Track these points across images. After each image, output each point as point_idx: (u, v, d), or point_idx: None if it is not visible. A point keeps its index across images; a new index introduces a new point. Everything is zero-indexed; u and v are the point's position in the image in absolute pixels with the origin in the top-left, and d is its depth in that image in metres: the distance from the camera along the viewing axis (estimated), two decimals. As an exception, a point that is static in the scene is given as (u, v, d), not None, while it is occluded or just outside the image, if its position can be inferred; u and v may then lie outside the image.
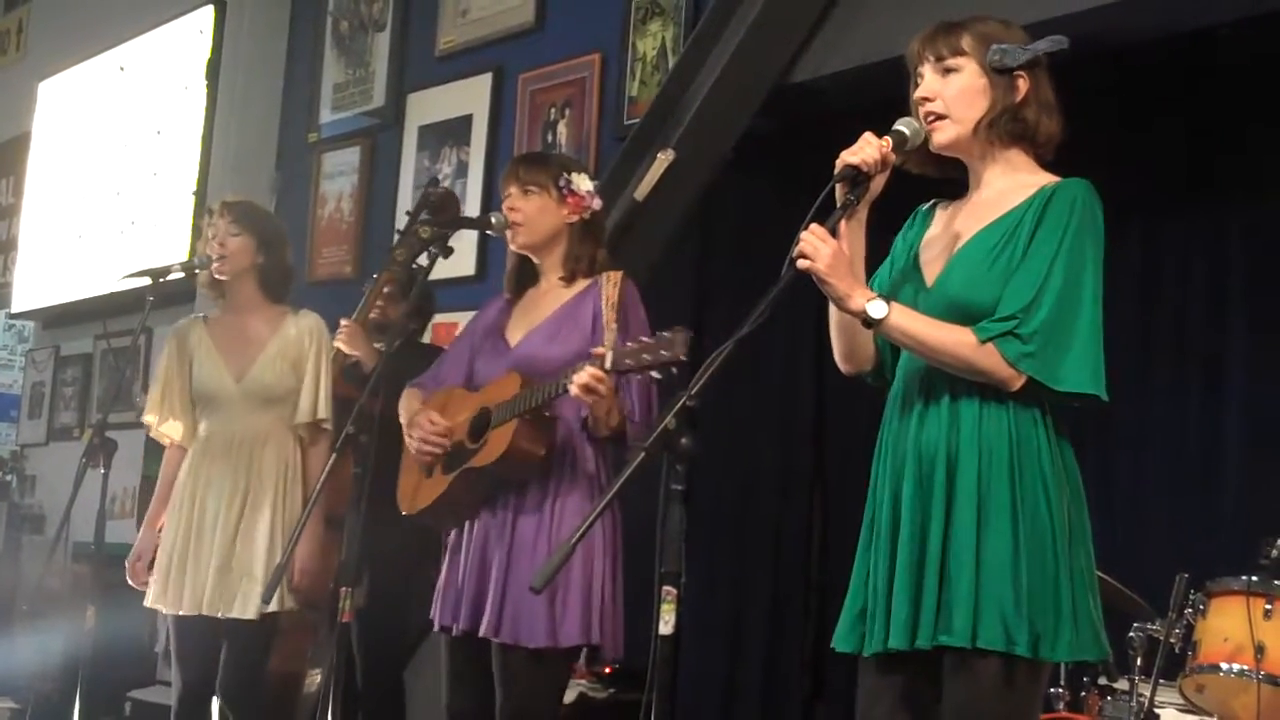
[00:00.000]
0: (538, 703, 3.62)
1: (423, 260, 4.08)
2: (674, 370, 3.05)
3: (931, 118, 2.82)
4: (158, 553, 4.55)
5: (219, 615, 4.41)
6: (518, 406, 3.57)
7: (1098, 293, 2.70)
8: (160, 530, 4.59)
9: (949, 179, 2.93)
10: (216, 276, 4.67)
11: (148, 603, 4.55)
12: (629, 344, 3.21)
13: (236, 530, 4.48)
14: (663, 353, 3.05)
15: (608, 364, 3.27)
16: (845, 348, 2.96)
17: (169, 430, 4.68)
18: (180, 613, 4.45)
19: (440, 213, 4.11)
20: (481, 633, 3.61)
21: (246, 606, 4.38)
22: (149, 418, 4.68)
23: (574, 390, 3.38)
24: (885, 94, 3.06)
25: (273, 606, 4.32)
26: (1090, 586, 2.73)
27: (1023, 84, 2.79)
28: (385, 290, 5.22)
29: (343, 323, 4.82)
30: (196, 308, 7.17)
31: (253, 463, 4.53)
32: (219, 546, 4.46)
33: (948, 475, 2.72)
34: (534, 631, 3.54)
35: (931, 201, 3.01)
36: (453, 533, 3.84)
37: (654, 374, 3.12)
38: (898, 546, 2.76)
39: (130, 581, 4.62)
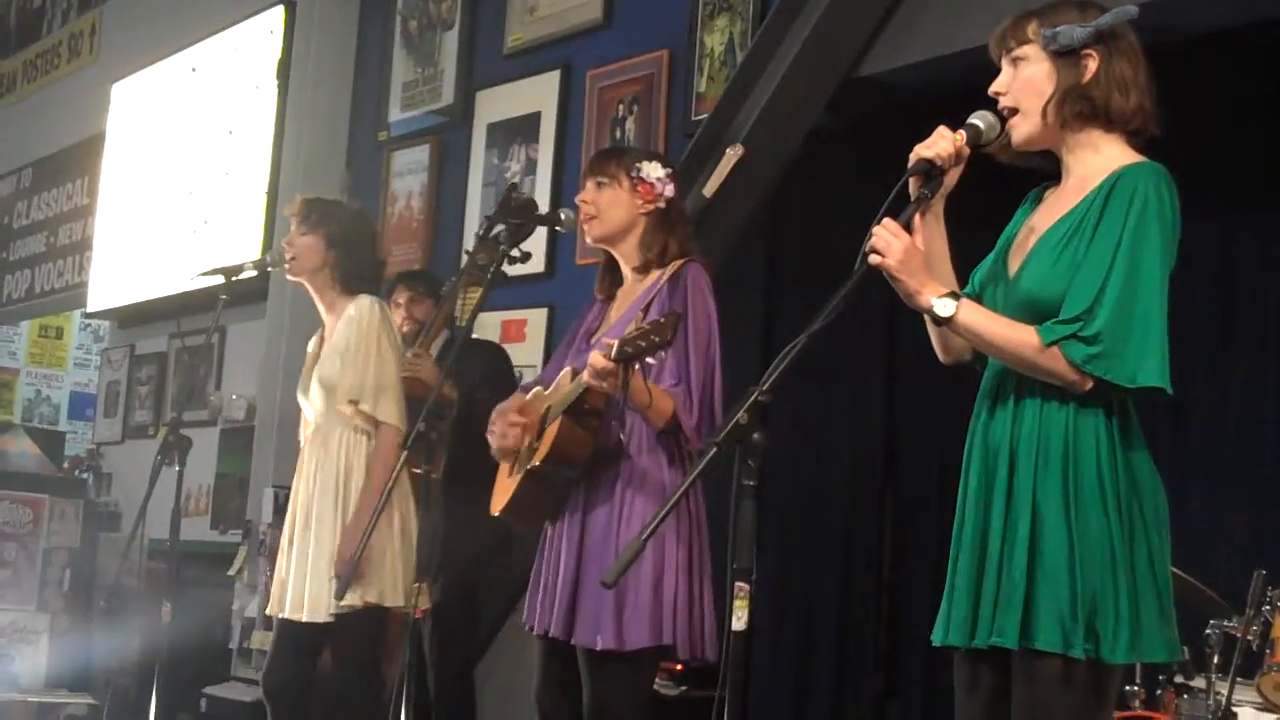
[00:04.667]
0: (616, 702, 3.59)
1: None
2: (663, 353, 3.31)
3: (1007, 112, 2.78)
4: None
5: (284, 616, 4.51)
6: (564, 402, 3.59)
7: (1163, 283, 2.64)
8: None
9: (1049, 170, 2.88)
10: (288, 278, 4.69)
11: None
12: (630, 331, 3.30)
13: (306, 530, 4.53)
14: (653, 337, 3.25)
15: (613, 353, 3.32)
16: (939, 340, 2.93)
17: None
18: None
19: (520, 218, 4.11)
20: (551, 633, 3.62)
21: (314, 608, 4.44)
22: None
23: (585, 377, 3.44)
24: (955, 86, 3.04)
25: (322, 616, 4.39)
26: (1156, 587, 2.67)
27: (1091, 63, 2.72)
28: (408, 297, 5.30)
29: (408, 353, 4.77)
30: (269, 306, 7.27)
31: (318, 460, 4.56)
32: (294, 548, 4.54)
33: (1009, 473, 2.70)
34: (602, 633, 3.54)
35: (1042, 185, 2.94)
36: (542, 535, 3.86)
37: (650, 359, 3.32)
38: (962, 543, 2.75)
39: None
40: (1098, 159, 2.76)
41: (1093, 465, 2.65)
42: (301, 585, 4.46)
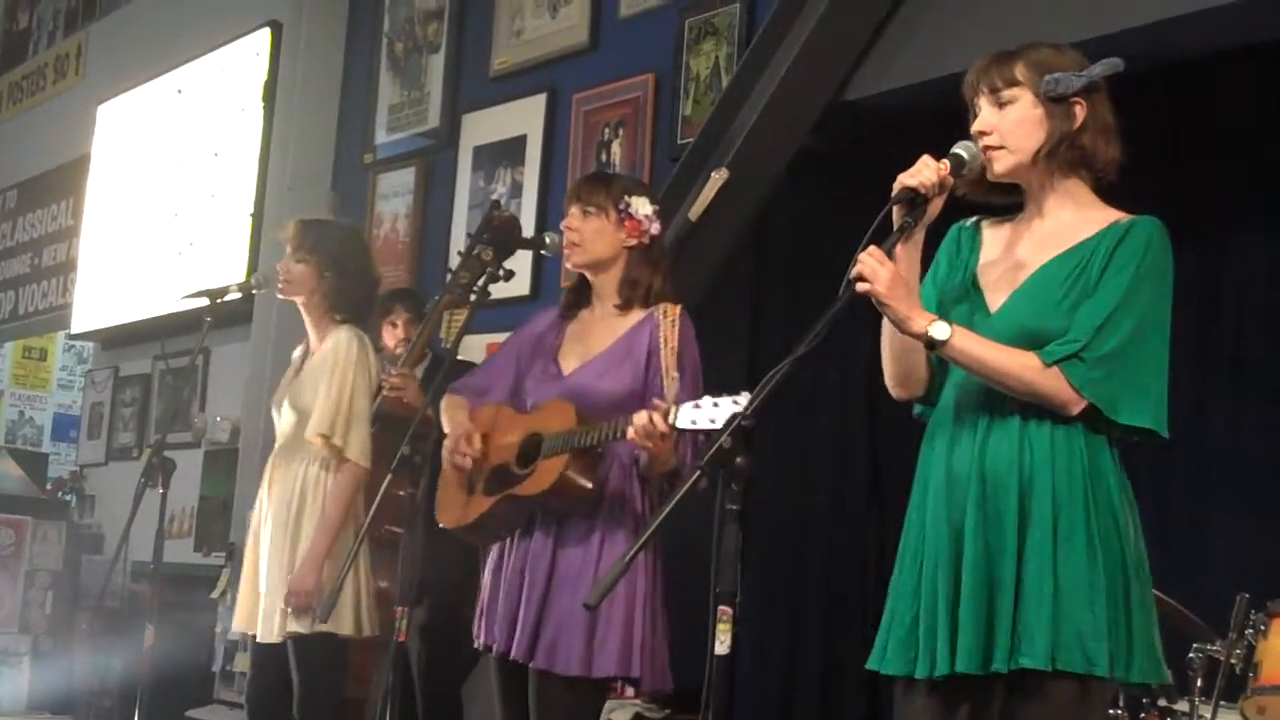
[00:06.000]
0: None
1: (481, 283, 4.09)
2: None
3: (989, 150, 2.80)
4: None
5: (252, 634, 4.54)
6: (572, 441, 3.55)
7: (1166, 332, 2.72)
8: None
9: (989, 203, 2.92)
10: (279, 296, 4.70)
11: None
12: (694, 404, 3.21)
13: (257, 549, 4.56)
14: (712, 421, 3.15)
15: (672, 418, 3.26)
16: (901, 373, 2.94)
17: None
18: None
19: (502, 237, 4.11)
20: (512, 655, 3.60)
21: (266, 628, 4.45)
22: None
23: (631, 435, 3.37)
24: (940, 110, 3.05)
25: (273, 636, 4.41)
26: (1153, 614, 2.75)
27: (1079, 110, 2.78)
28: (405, 318, 5.27)
29: (393, 374, 4.74)
30: (254, 328, 7.26)
31: (278, 482, 4.57)
32: (258, 567, 4.56)
33: (1020, 498, 2.72)
34: (569, 660, 3.52)
35: (974, 219, 2.98)
36: (492, 551, 3.83)
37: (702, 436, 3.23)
38: (961, 571, 2.75)
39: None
40: (1086, 209, 2.82)
41: (1107, 492, 2.71)
42: (254, 604, 4.50)
